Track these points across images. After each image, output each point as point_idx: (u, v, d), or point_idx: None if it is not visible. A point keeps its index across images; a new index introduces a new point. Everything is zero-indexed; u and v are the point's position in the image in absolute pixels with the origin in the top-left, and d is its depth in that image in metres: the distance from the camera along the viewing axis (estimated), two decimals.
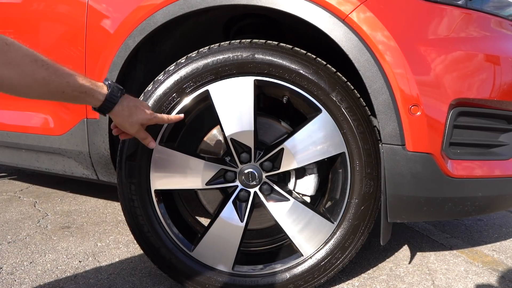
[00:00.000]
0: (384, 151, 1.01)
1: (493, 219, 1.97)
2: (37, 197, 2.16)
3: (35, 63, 0.76)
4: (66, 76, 0.82)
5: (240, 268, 1.15)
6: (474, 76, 1.02)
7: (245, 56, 1.04)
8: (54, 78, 0.79)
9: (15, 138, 1.52)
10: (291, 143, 1.07)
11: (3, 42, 0.73)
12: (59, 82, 0.80)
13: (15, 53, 0.74)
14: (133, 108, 0.96)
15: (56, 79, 0.80)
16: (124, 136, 1.02)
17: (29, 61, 0.76)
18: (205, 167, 1.10)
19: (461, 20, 1.04)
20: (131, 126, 0.96)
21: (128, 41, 1.17)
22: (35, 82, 0.77)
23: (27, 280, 1.22)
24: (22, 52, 0.75)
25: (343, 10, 0.99)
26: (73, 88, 0.83)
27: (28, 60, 0.76)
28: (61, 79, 0.80)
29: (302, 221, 1.11)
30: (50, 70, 0.79)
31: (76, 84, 0.83)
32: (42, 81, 0.78)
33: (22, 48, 0.76)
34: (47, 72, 0.78)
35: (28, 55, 0.76)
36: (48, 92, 0.80)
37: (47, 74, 0.78)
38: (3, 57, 0.72)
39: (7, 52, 0.73)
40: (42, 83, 0.78)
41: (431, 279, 1.29)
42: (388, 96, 0.98)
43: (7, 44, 0.73)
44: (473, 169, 1.05)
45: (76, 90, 0.84)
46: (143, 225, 1.12)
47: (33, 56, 0.77)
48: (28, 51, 0.76)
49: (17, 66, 0.74)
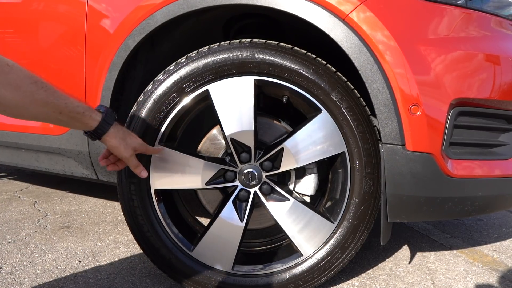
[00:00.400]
0: (384, 150, 1.01)
1: (493, 219, 1.97)
2: (37, 197, 2.16)
3: (35, 85, 0.79)
4: (64, 98, 0.84)
5: (240, 268, 1.15)
6: (474, 76, 1.01)
7: (245, 55, 1.04)
8: (53, 99, 0.82)
9: (15, 138, 1.52)
10: (291, 143, 1.07)
11: (4, 63, 0.75)
12: (57, 103, 0.83)
13: (16, 74, 0.76)
14: (126, 132, 0.98)
15: (54, 100, 0.82)
16: (112, 167, 1.03)
17: (29, 83, 0.78)
18: (205, 167, 1.10)
19: (461, 19, 1.04)
20: (126, 149, 0.97)
21: (128, 41, 1.17)
22: (33, 103, 0.79)
23: (26, 280, 1.22)
24: (23, 73, 0.78)
25: (343, 9, 0.99)
26: (70, 109, 0.85)
27: (29, 82, 0.78)
28: (59, 100, 0.83)
29: (302, 221, 1.11)
30: (48, 92, 0.81)
31: (74, 105, 0.86)
32: (40, 102, 0.80)
33: (23, 70, 0.78)
34: (46, 93, 0.80)
35: (28, 76, 0.78)
36: (44, 113, 0.82)
37: (45, 96, 0.80)
38: (4, 78, 0.74)
39: (9, 73, 0.75)
40: (40, 104, 0.80)
41: (431, 279, 1.29)
42: (388, 95, 0.98)
43: (9, 65, 0.76)
44: (473, 169, 1.05)
45: (73, 111, 0.86)
46: (143, 225, 1.12)
47: (33, 78, 0.79)
48: (28, 73, 0.79)
49: (17, 87, 0.76)
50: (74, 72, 1.29)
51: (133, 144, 0.98)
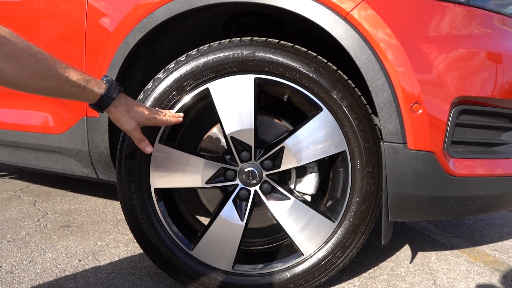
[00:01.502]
0: (386, 149, 1.01)
1: (495, 218, 1.96)
2: (37, 196, 2.15)
3: (34, 57, 0.76)
4: (64, 70, 0.81)
5: (240, 267, 1.14)
6: (476, 74, 1.01)
7: (246, 54, 1.04)
8: (53, 72, 0.79)
9: (15, 137, 1.52)
10: (291, 142, 1.07)
11: (1, 35, 0.72)
12: (57, 77, 0.80)
13: (13, 46, 0.73)
14: (131, 105, 0.95)
15: (54, 73, 0.79)
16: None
17: (28, 55, 0.75)
18: (205, 166, 1.09)
19: (463, 17, 1.03)
20: (127, 122, 0.94)
21: (128, 39, 1.16)
22: (33, 76, 0.76)
23: (26, 279, 1.22)
24: (21, 45, 0.75)
25: (345, 7, 0.98)
26: (70, 83, 0.82)
27: (27, 54, 0.75)
28: (59, 73, 0.80)
29: (302, 220, 1.10)
30: (48, 64, 0.78)
31: (74, 79, 0.83)
32: (40, 75, 0.77)
33: (21, 41, 0.75)
34: (46, 66, 0.77)
35: (26, 48, 0.75)
36: (45, 86, 0.80)
37: (45, 68, 0.77)
38: (1, 50, 0.72)
39: (5, 44, 0.72)
40: (40, 77, 0.77)
41: (433, 278, 1.28)
42: (389, 94, 0.97)
43: (5, 37, 0.73)
44: (475, 168, 1.04)
45: (74, 85, 0.83)
46: (143, 224, 1.11)
47: (32, 49, 0.76)
48: (27, 45, 0.76)
49: (15, 59, 0.73)
50: None
51: (137, 118, 0.95)
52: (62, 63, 0.82)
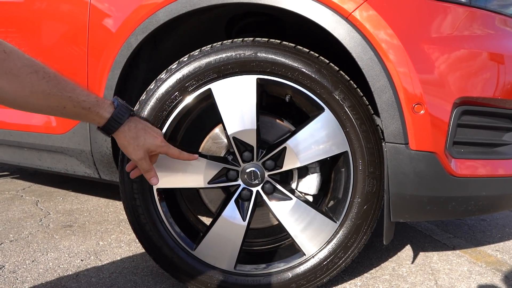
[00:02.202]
0: (387, 150, 1.01)
1: (496, 219, 1.96)
2: (39, 196, 2.16)
3: (36, 75, 0.71)
4: (69, 90, 0.76)
5: (242, 267, 1.14)
6: (478, 75, 1.01)
7: (248, 54, 1.04)
8: (55, 91, 0.73)
9: (17, 137, 1.52)
10: (293, 142, 1.07)
11: (1, 49, 0.68)
12: (60, 97, 0.74)
13: (13, 62, 0.69)
14: (141, 131, 0.88)
15: (58, 92, 0.74)
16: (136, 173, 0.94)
17: (29, 72, 0.70)
18: (207, 166, 1.10)
19: (465, 18, 1.03)
20: (135, 150, 0.87)
21: (130, 40, 1.17)
22: (33, 95, 0.71)
23: (29, 278, 1.22)
24: (22, 61, 0.70)
25: (346, 8, 0.98)
26: (75, 104, 0.77)
27: (28, 71, 0.70)
28: (62, 93, 0.74)
29: (304, 220, 1.10)
30: (51, 83, 0.73)
31: (79, 99, 0.77)
32: (41, 94, 0.72)
33: (23, 57, 0.70)
34: (48, 85, 0.72)
35: (28, 65, 0.70)
36: (47, 106, 0.74)
37: (47, 87, 0.72)
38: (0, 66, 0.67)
39: (5, 60, 0.68)
40: (41, 97, 0.72)
41: (434, 279, 1.29)
42: (391, 94, 0.98)
43: (5, 52, 0.68)
44: (476, 168, 1.04)
45: (79, 106, 0.77)
46: (145, 224, 1.12)
47: (34, 66, 0.71)
48: (29, 61, 0.71)
49: (15, 77, 0.68)
50: (76, 71, 1.29)
51: (147, 145, 0.88)
52: (68, 81, 0.77)
